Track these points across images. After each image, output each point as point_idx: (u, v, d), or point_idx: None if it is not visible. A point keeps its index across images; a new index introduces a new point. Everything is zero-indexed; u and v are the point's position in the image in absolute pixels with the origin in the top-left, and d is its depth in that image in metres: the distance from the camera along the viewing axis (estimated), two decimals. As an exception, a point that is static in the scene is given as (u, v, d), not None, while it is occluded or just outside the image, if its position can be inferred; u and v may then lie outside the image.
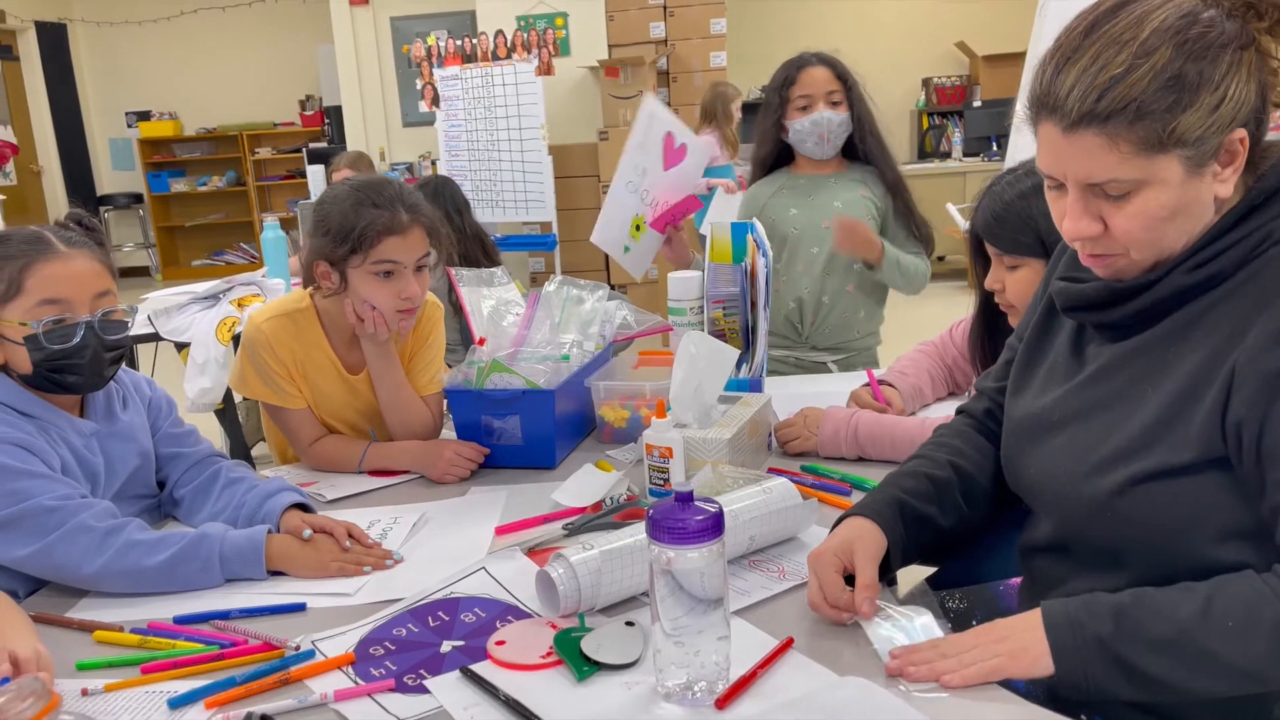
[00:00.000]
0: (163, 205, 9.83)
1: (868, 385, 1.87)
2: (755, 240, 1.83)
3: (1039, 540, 1.17)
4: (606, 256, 6.40)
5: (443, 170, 5.99)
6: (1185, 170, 0.96)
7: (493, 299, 1.91)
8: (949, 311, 2.67)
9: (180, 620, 1.25)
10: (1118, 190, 0.98)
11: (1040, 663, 0.97)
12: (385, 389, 1.79)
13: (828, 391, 1.91)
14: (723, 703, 0.99)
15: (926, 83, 8.31)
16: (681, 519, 0.99)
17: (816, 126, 2.35)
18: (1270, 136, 1.01)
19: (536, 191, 5.84)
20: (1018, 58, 8.05)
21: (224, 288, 3.25)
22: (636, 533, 1.23)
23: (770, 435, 1.73)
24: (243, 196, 9.68)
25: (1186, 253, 1.00)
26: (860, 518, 1.19)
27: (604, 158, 6.08)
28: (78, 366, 1.42)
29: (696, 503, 1.01)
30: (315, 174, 4.67)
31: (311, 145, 8.75)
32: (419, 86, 6.05)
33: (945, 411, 1.87)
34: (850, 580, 1.13)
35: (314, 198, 3.96)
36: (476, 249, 3.62)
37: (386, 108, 7.54)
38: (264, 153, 9.55)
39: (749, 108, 8.15)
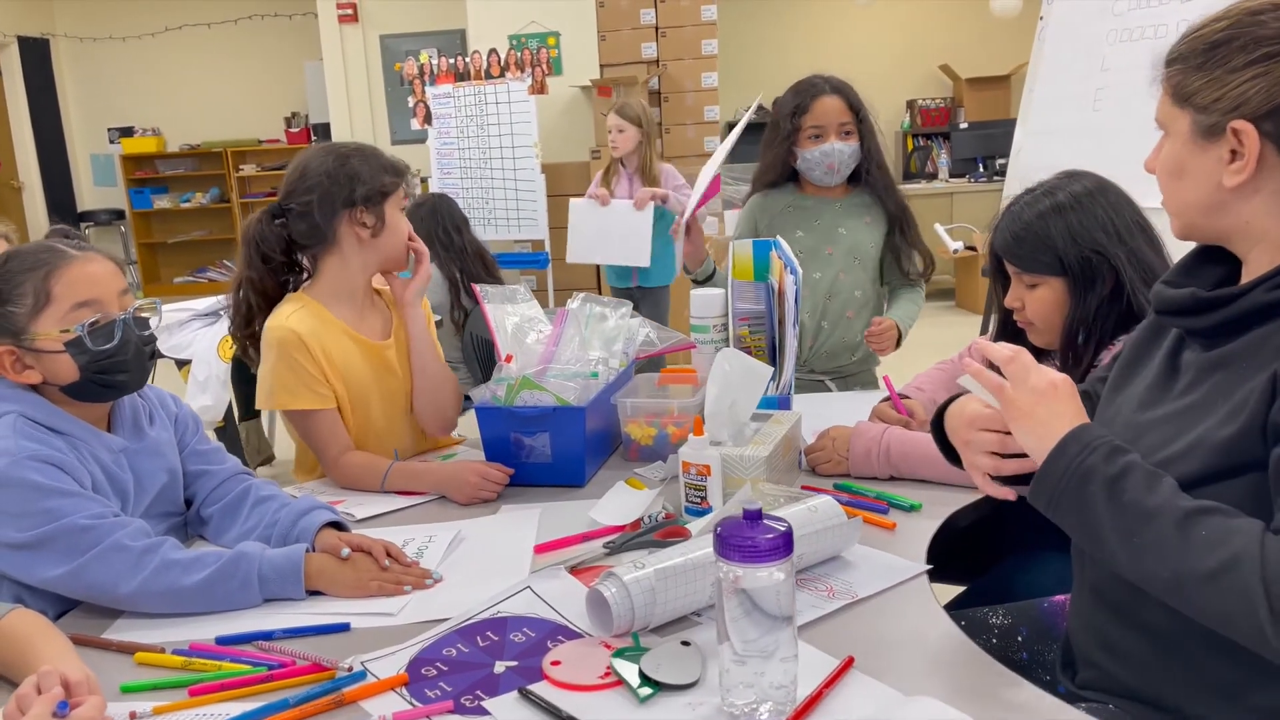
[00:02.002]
0: (145, 222, 9.73)
1: (888, 399, 1.88)
2: (783, 258, 1.83)
3: None
4: (599, 276, 6.41)
5: (434, 188, 5.98)
6: (1191, 132, 1.03)
7: (516, 316, 1.89)
8: (934, 330, 2.70)
9: (223, 641, 1.23)
10: (1163, 130, 1.08)
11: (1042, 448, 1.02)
12: (424, 356, 1.89)
13: (844, 410, 1.90)
14: (793, 723, 0.99)
15: (911, 104, 8.39)
16: (751, 537, 0.98)
17: (827, 157, 2.35)
18: None
19: (529, 209, 5.83)
20: (1001, 80, 8.17)
21: (225, 304, 3.20)
22: (687, 551, 1.22)
23: (801, 454, 1.72)
24: (227, 213, 9.60)
25: (1271, 272, 1.01)
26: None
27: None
28: (124, 364, 1.41)
29: (765, 521, 1.00)
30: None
31: (298, 163, 8.70)
32: (411, 104, 6.04)
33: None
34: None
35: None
36: (477, 266, 3.62)
37: (375, 125, 7.53)
38: (248, 169, 9.49)
39: (748, 128, 8.24)
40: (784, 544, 0.98)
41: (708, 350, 1.96)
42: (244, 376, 3.68)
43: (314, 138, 8.99)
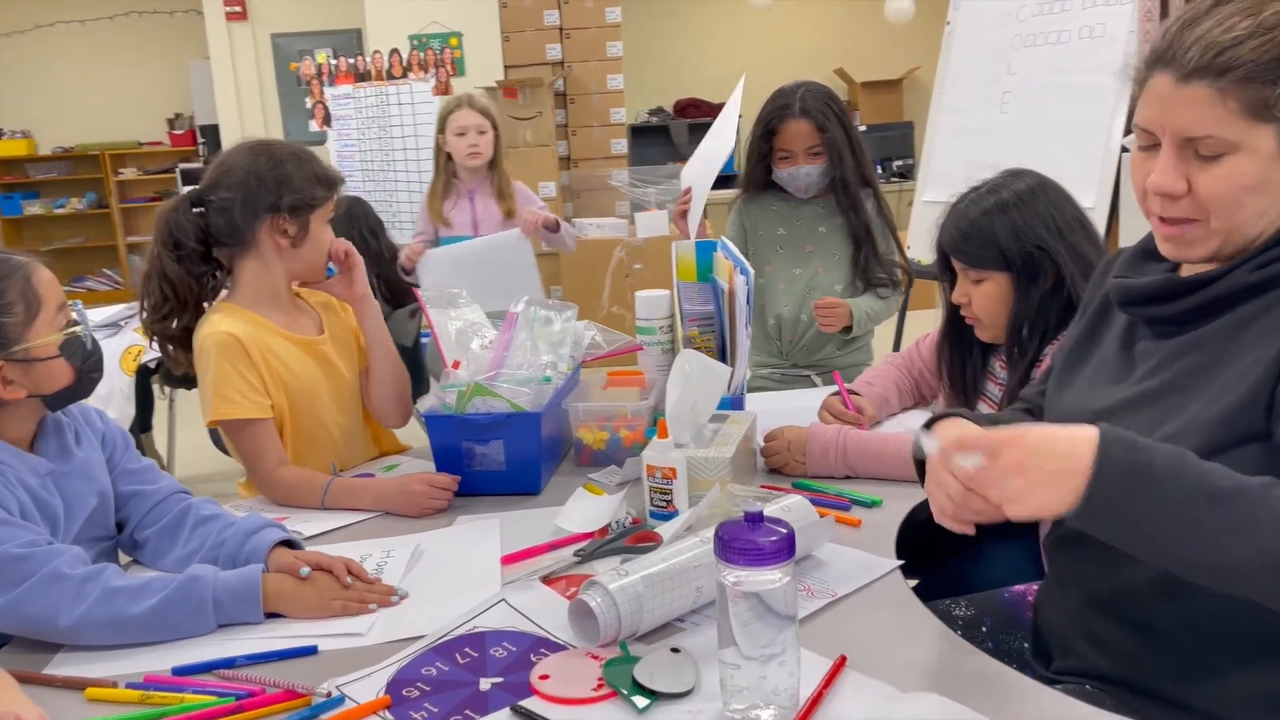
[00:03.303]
0: (14, 229, 9.17)
1: (838, 394, 1.90)
2: (730, 259, 1.82)
3: (1070, 530, 1.17)
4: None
5: (336, 191, 5.80)
6: (1279, 146, 0.98)
7: (459, 320, 1.85)
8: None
9: (180, 671, 1.15)
10: (1211, 149, 0.99)
11: (1065, 502, 0.91)
12: (380, 344, 1.89)
13: (804, 407, 1.91)
14: (800, 725, 0.98)
15: (808, 108, 8.56)
16: (754, 539, 0.96)
17: (795, 179, 2.46)
18: None
19: (435, 213, 5.72)
20: (894, 84, 8.41)
21: (127, 314, 3.06)
22: (669, 556, 1.20)
23: (757, 454, 1.72)
24: (105, 219, 9.14)
25: (1253, 251, 1.02)
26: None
27: (503, 179, 6.00)
28: (100, 362, 1.42)
29: (766, 523, 0.99)
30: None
31: (184, 165, 8.37)
32: (309, 105, 5.86)
33: (914, 422, 1.91)
34: None
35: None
36: (395, 270, 3.51)
37: (268, 127, 7.27)
38: (128, 173, 9.04)
39: (638, 131, 8.26)
40: (788, 545, 0.97)
41: (654, 351, 1.94)
42: (143, 392, 3.50)
43: (200, 140, 8.63)
